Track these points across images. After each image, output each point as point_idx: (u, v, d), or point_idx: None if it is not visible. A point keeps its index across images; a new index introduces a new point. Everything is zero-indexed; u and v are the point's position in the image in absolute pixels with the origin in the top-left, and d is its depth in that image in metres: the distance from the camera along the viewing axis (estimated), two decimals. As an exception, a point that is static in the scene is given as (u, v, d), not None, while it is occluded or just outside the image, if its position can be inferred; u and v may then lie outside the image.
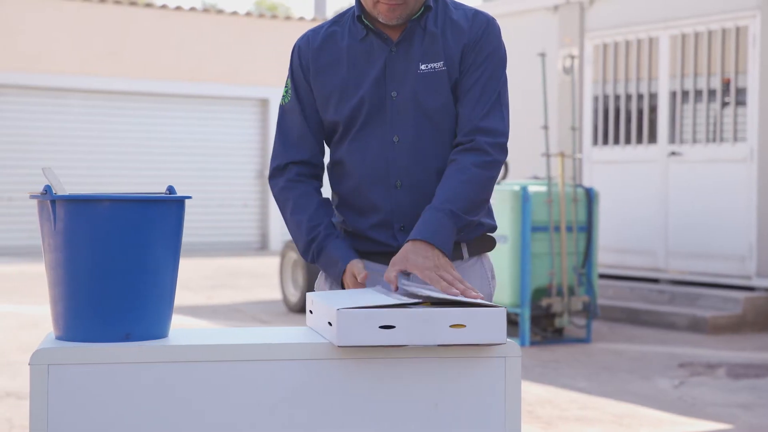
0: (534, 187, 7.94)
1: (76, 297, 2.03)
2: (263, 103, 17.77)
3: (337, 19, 2.57)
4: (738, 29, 9.15)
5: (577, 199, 8.02)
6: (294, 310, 9.62)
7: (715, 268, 9.27)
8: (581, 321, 8.25)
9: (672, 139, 9.69)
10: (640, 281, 9.79)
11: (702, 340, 8.14)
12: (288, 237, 17.07)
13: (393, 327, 2.04)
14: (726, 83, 9.30)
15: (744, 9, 9.08)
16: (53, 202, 2.02)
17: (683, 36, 9.57)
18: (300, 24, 18.02)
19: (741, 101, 9.21)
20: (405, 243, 2.34)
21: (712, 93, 9.42)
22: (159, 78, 16.91)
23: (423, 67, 2.47)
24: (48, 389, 1.96)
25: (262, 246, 17.81)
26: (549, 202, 7.87)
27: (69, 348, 1.99)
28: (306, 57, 2.53)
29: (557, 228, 7.90)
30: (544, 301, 7.74)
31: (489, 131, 2.43)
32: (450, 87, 2.47)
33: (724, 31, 9.26)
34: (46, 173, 2.08)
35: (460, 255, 2.54)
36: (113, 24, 16.56)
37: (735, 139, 9.21)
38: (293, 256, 9.71)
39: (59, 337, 2.07)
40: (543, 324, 7.94)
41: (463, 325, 2.06)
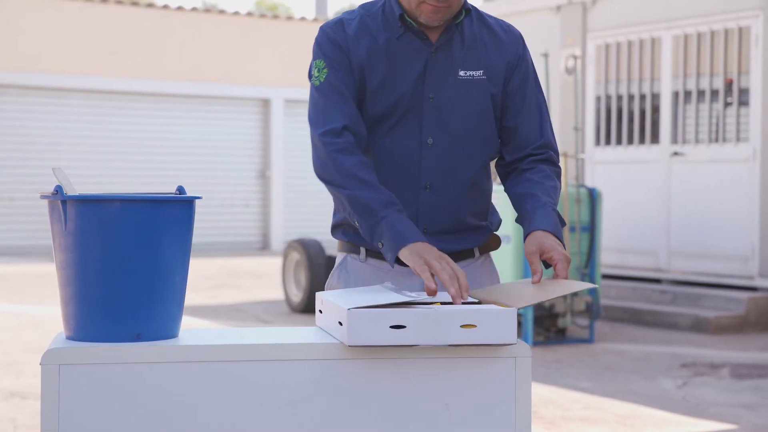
0: (537, 188, 7.93)
1: (86, 297, 2.02)
2: (264, 103, 17.77)
3: (365, 12, 2.51)
4: (740, 29, 9.15)
5: (580, 200, 8.02)
6: (296, 310, 9.61)
7: (718, 268, 9.26)
8: (584, 321, 8.25)
9: (674, 140, 9.69)
10: (642, 281, 9.79)
11: (705, 340, 8.14)
12: (290, 237, 17.11)
13: (404, 327, 2.04)
14: (728, 83, 9.30)
15: (746, 9, 9.08)
16: (64, 202, 2.01)
17: (686, 36, 9.57)
18: (301, 24, 18.00)
19: (743, 101, 9.21)
20: (535, 231, 2.38)
21: (714, 93, 9.42)
22: (160, 78, 16.92)
23: (462, 74, 2.48)
24: (59, 389, 1.96)
25: (263, 246, 17.81)
26: (552, 202, 7.86)
27: (80, 348, 1.99)
28: (344, 42, 2.46)
29: (560, 228, 7.89)
30: (546, 302, 7.73)
31: (553, 146, 2.58)
32: (489, 96, 2.50)
33: (726, 31, 9.26)
34: (56, 173, 2.08)
35: (471, 254, 2.56)
36: (114, 24, 16.56)
37: (737, 140, 9.21)
38: (296, 256, 9.71)
39: (70, 337, 2.07)
40: (546, 324, 7.94)
41: (474, 325, 2.06)
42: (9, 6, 15.89)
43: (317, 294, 2.31)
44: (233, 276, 13.13)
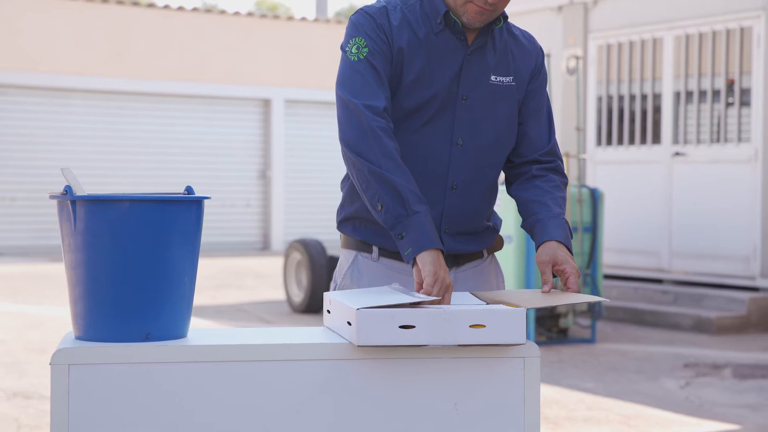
0: (539, 188, 7.93)
1: (96, 297, 2.03)
2: (265, 103, 17.77)
3: (403, 4, 2.48)
4: (742, 30, 9.15)
5: (582, 200, 8.02)
6: (298, 310, 9.61)
7: (719, 268, 9.26)
8: (586, 321, 8.25)
9: (676, 140, 9.69)
10: (643, 282, 9.79)
11: (707, 340, 8.14)
12: (291, 237, 17.12)
13: (413, 327, 2.04)
14: (730, 84, 9.30)
15: (748, 9, 9.08)
16: (74, 202, 2.02)
17: (687, 36, 9.57)
18: (302, 24, 18.00)
19: (745, 102, 9.21)
20: (548, 242, 2.40)
21: (716, 93, 9.42)
22: (161, 78, 16.92)
23: (494, 78, 2.50)
24: (69, 389, 1.96)
25: (264, 246, 17.81)
26: (554, 202, 7.86)
27: (89, 348, 1.99)
28: (389, 30, 2.43)
29: (562, 228, 7.89)
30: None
31: (559, 156, 2.61)
32: (516, 103, 2.54)
33: (728, 32, 9.26)
34: (65, 174, 2.08)
35: (480, 255, 2.57)
36: (116, 24, 16.57)
37: (739, 140, 9.21)
38: (297, 256, 9.71)
39: (79, 337, 2.07)
40: (548, 324, 7.95)
41: (483, 325, 2.06)
42: (11, 6, 15.89)
43: (325, 294, 2.32)
44: (235, 276, 13.13)
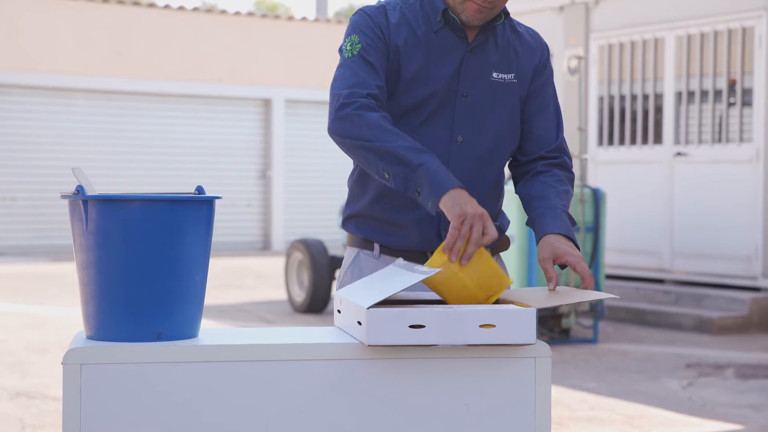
0: (541, 188, 7.93)
1: (107, 297, 2.03)
2: (266, 103, 17.77)
3: (403, 3, 2.49)
4: (744, 30, 9.16)
5: (584, 200, 8.02)
6: (299, 310, 9.61)
7: (721, 268, 9.27)
8: (588, 321, 8.25)
9: (677, 140, 9.70)
10: (645, 282, 9.79)
11: (708, 340, 8.15)
12: (291, 237, 17.12)
13: (423, 326, 2.04)
14: (732, 84, 9.31)
15: (750, 9, 9.09)
16: (85, 202, 2.02)
17: (689, 36, 9.58)
18: (302, 24, 18.00)
19: (747, 102, 9.22)
20: (546, 236, 2.39)
21: (717, 93, 9.42)
22: (161, 78, 16.92)
23: (495, 75, 2.50)
24: (81, 389, 1.96)
25: (264, 246, 17.81)
26: (556, 202, 7.86)
27: (101, 348, 1.99)
28: (386, 28, 2.44)
29: (564, 228, 7.89)
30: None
31: (567, 152, 2.61)
32: (518, 100, 2.53)
33: (730, 32, 9.26)
34: (76, 173, 2.08)
35: (486, 254, 2.57)
36: (116, 24, 16.56)
37: (741, 140, 9.21)
38: (299, 256, 9.71)
39: (90, 337, 2.07)
40: (550, 324, 7.95)
41: (493, 325, 2.06)
42: (11, 6, 15.89)
43: (334, 294, 2.32)
44: (236, 276, 13.14)
